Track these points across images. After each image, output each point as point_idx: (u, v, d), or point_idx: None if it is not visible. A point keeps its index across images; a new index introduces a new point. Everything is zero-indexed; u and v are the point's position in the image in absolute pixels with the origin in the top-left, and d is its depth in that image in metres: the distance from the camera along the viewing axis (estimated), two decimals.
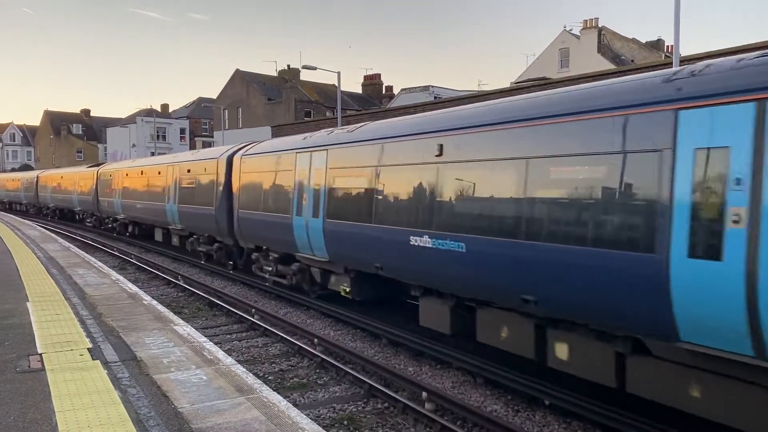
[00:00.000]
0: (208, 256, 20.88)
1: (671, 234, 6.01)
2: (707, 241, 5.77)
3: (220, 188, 18.36)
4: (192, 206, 20.57)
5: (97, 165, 37.86)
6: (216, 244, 19.90)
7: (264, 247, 16.04)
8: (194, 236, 21.51)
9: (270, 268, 15.86)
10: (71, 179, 39.18)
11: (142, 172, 26.52)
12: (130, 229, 29.88)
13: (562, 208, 7.38)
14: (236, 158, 17.68)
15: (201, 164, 20.36)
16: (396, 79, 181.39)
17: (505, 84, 56.72)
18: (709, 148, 5.84)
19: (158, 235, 25.82)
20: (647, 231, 6.29)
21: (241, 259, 18.56)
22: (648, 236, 6.27)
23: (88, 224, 37.27)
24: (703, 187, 5.88)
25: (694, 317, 5.92)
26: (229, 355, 8.64)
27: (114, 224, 31.87)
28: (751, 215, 5.49)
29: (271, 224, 14.96)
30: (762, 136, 5.48)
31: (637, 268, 6.33)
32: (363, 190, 11.38)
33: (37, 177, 49.10)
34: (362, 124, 12.68)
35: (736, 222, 5.60)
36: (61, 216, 44.45)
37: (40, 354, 7.48)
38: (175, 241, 23.45)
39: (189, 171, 21.15)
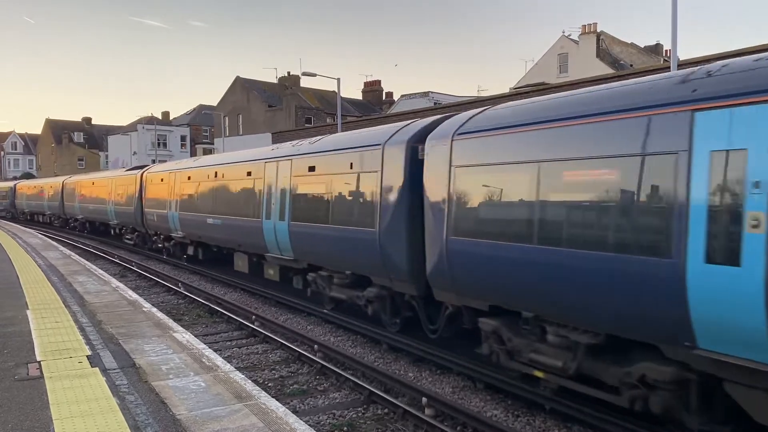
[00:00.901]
0: (348, 304, 13.08)
1: None
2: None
3: (392, 197, 10.91)
4: (322, 226, 12.91)
5: (140, 167, 30.37)
6: (372, 290, 11.85)
7: (531, 315, 8.14)
8: (321, 272, 13.65)
9: (558, 363, 7.83)
10: (105, 186, 31.88)
11: (216, 173, 19.29)
12: (190, 251, 22.48)
13: None
14: (433, 143, 9.96)
15: (341, 157, 12.62)
16: (396, 86, 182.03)
17: (504, 89, 56.91)
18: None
19: (241, 263, 18.21)
20: None
21: (437, 323, 10.51)
22: None
23: (127, 242, 29.97)
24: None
25: None
26: (229, 362, 8.65)
27: (166, 244, 24.60)
28: None
29: (563, 270, 7.43)
30: None
31: None
32: None
33: (63, 184, 41.43)
34: None
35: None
36: (92, 230, 37.20)
37: (39, 362, 7.48)
38: (272, 273, 16.12)
39: (312, 169, 13.63)
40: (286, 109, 52.90)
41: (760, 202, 5.57)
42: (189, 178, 21.41)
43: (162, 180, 24.16)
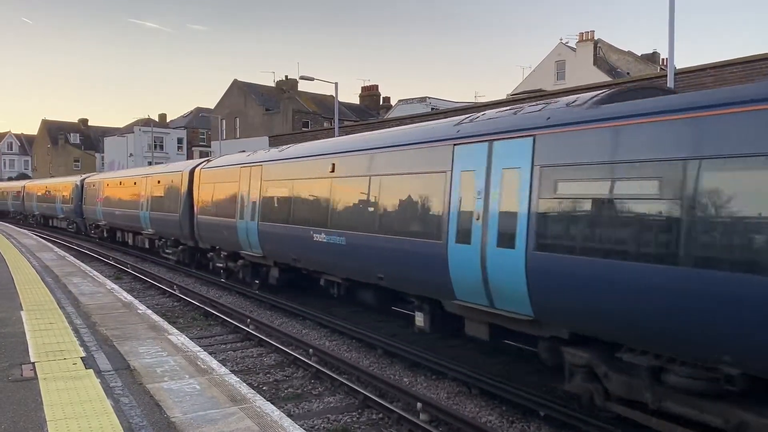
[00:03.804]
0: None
1: None
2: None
3: None
4: None
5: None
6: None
7: None
8: None
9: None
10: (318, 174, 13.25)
11: None
12: None
13: None
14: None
15: None
16: (393, 91, 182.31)
17: (502, 96, 57.11)
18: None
19: None
20: None
21: None
22: None
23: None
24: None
25: None
26: (224, 365, 8.60)
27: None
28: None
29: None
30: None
31: None
32: None
33: (193, 174, 20.90)
34: None
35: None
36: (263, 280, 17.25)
37: (33, 363, 7.45)
38: None
39: None
40: (284, 112, 52.88)
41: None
42: None
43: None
